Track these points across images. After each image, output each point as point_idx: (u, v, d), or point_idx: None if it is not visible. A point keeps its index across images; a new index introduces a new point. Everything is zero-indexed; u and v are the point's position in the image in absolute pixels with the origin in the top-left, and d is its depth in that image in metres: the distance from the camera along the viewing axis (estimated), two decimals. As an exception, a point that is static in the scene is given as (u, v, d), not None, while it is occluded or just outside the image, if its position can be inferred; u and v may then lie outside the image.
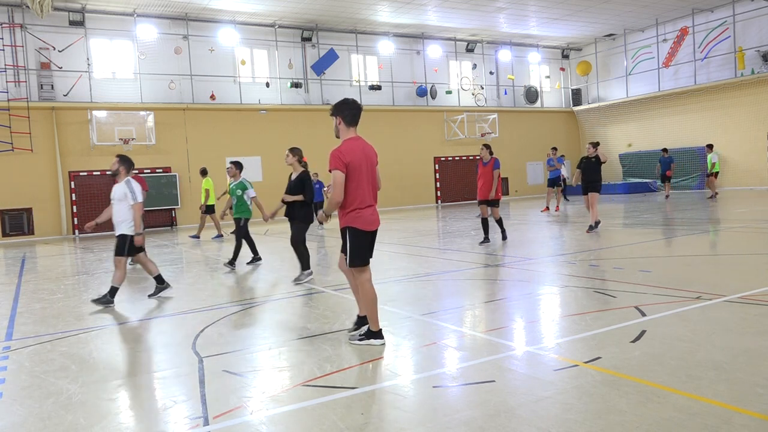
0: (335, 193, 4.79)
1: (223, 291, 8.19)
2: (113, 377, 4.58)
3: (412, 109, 27.86)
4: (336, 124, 5.00)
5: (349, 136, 4.97)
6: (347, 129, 4.99)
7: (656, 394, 3.50)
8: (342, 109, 4.96)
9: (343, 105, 4.99)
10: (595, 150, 12.64)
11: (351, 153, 4.81)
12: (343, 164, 4.77)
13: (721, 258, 8.38)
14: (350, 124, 4.98)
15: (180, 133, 22.92)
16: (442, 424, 3.31)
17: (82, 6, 21.14)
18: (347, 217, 4.88)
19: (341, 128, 5.00)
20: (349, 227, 4.87)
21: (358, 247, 4.88)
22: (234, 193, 10.29)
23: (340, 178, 4.77)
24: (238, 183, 10.30)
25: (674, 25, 27.80)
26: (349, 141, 4.91)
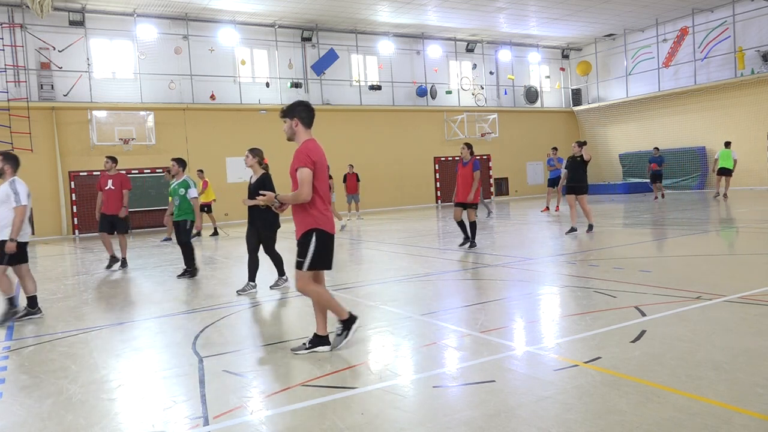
0: (305, 191, 4.62)
1: (223, 291, 8.18)
2: (113, 377, 4.58)
3: (412, 109, 27.86)
4: (292, 126, 4.82)
5: (308, 138, 4.83)
6: (305, 131, 4.84)
7: (656, 394, 3.50)
8: (299, 111, 4.82)
9: (299, 107, 4.84)
10: (581, 149, 12.51)
11: (317, 152, 4.71)
12: (311, 162, 4.66)
13: (721, 258, 8.38)
14: (308, 125, 4.85)
15: (180, 133, 22.92)
16: (442, 424, 3.31)
17: (82, 6, 21.14)
18: (311, 218, 4.71)
19: (299, 130, 4.83)
20: (316, 229, 4.71)
21: (322, 250, 4.74)
22: (176, 193, 9.51)
23: (309, 176, 4.63)
24: (181, 182, 9.53)
25: (674, 25, 27.80)
26: (310, 141, 4.78)
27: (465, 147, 10.96)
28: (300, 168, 4.63)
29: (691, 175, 26.90)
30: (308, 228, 4.72)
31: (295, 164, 4.67)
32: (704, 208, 17.01)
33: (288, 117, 4.84)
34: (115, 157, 11.32)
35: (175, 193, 9.53)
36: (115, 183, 11.00)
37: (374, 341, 5.24)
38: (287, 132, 4.88)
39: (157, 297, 8.04)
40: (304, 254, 4.71)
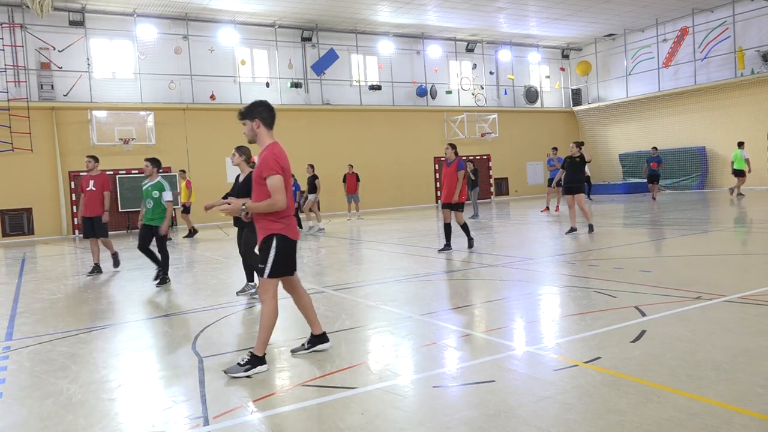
0: (280, 198, 4.39)
1: (223, 291, 8.18)
2: (113, 377, 4.58)
3: (412, 109, 27.86)
4: (253, 127, 4.58)
5: (271, 140, 4.61)
6: (268, 133, 4.62)
7: (656, 394, 3.50)
8: (260, 112, 4.58)
9: (261, 107, 4.61)
10: (579, 149, 12.55)
11: (283, 157, 4.51)
12: (280, 168, 4.45)
13: (721, 258, 8.38)
14: (270, 126, 4.63)
15: (180, 133, 22.92)
16: (442, 424, 3.31)
17: (82, 6, 21.14)
18: (277, 224, 4.50)
19: (261, 132, 4.59)
20: (277, 235, 4.49)
21: (286, 256, 4.53)
22: (149, 195, 8.97)
23: (281, 183, 4.42)
24: (155, 183, 8.99)
25: (674, 25, 27.80)
26: (276, 145, 4.57)
27: (449, 147, 10.82)
28: (270, 176, 4.42)
29: (691, 175, 26.90)
30: (269, 233, 4.51)
31: (263, 171, 4.45)
32: (704, 208, 17.01)
33: (248, 118, 4.60)
34: (96, 156, 10.66)
35: (148, 195, 8.97)
36: (96, 184, 10.30)
37: (374, 341, 5.24)
38: (248, 134, 4.63)
39: (157, 297, 8.04)
40: (264, 260, 4.50)
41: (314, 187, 16.99)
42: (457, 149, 10.89)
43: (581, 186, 12.56)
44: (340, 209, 24.57)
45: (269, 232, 4.51)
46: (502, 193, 30.72)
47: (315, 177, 17.05)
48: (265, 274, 4.49)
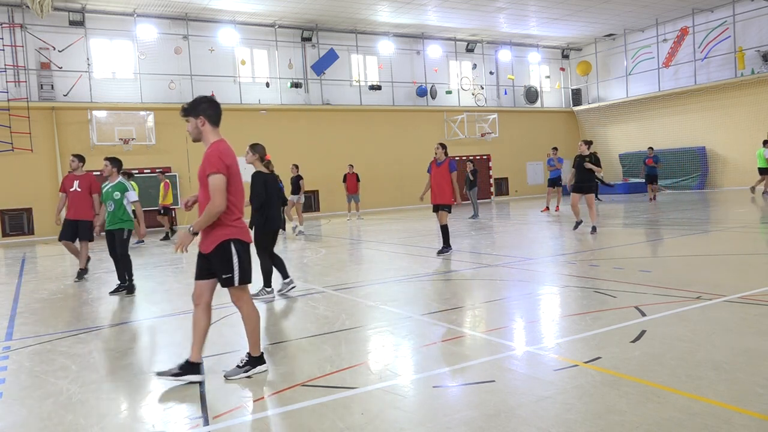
0: (218, 200, 4.09)
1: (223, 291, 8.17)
2: (113, 377, 4.58)
3: (412, 109, 27.86)
4: (197, 125, 4.30)
5: (217, 138, 4.34)
6: (213, 130, 4.34)
7: (656, 394, 3.50)
8: (205, 108, 4.31)
9: (204, 103, 4.34)
10: (588, 148, 12.46)
11: (230, 155, 4.25)
12: (224, 166, 4.16)
13: (721, 258, 8.38)
14: (216, 124, 4.36)
15: (180, 133, 22.81)
16: (442, 424, 3.31)
17: (82, 6, 21.14)
18: (229, 229, 4.22)
19: (206, 129, 4.31)
20: (233, 239, 4.23)
21: (246, 260, 4.30)
22: (110, 197, 8.23)
23: (222, 183, 4.13)
24: (116, 184, 8.27)
25: (674, 25, 27.80)
26: (222, 143, 4.30)
27: (439, 147, 10.33)
28: (212, 174, 4.13)
29: (691, 175, 26.91)
30: (223, 239, 4.20)
31: (206, 169, 4.18)
32: (704, 208, 17.01)
33: (191, 115, 4.31)
34: (82, 156, 9.85)
35: (109, 197, 8.24)
36: (82, 184, 9.47)
37: (374, 341, 5.24)
38: (192, 132, 4.36)
39: (156, 297, 8.04)
40: (229, 269, 4.21)
41: (298, 187, 16.40)
42: (447, 149, 10.42)
43: (591, 185, 12.42)
44: (340, 209, 24.57)
45: (223, 239, 4.20)
46: (502, 193, 30.72)
47: (299, 177, 16.49)
48: (236, 281, 4.24)
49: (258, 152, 7.32)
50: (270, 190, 7.31)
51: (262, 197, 7.19)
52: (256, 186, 7.18)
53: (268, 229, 7.38)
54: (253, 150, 7.32)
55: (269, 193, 7.29)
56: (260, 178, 7.23)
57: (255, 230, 7.30)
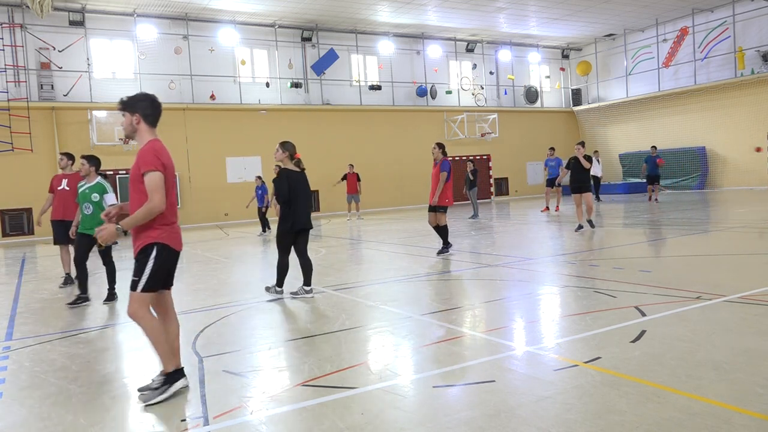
0: (156, 199, 3.84)
1: (223, 291, 8.19)
2: (113, 377, 4.58)
3: (412, 109, 27.86)
4: (132, 122, 4.05)
5: (152, 137, 4.11)
6: (149, 130, 4.12)
7: (656, 394, 3.50)
8: (143, 107, 4.07)
9: (144, 101, 4.10)
10: (583, 149, 12.94)
11: (165, 154, 4.02)
12: (161, 164, 3.92)
13: (721, 258, 8.38)
14: (153, 124, 4.14)
15: (180, 133, 22.92)
16: (442, 424, 3.31)
17: (82, 6, 21.14)
18: (156, 231, 3.95)
19: (141, 128, 4.07)
20: (159, 243, 3.95)
21: (161, 268, 3.98)
22: (88, 198, 7.57)
23: (160, 181, 3.87)
24: (95, 185, 7.62)
25: (674, 25, 27.80)
26: (157, 141, 4.08)
27: (436, 147, 10.17)
28: (148, 172, 3.87)
29: (691, 175, 26.91)
30: (149, 242, 3.94)
31: (141, 167, 3.91)
32: (704, 209, 17.01)
33: (128, 111, 4.06)
34: (71, 154, 9.29)
35: (86, 198, 7.59)
36: (71, 183, 8.88)
37: (374, 341, 5.24)
38: (126, 129, 4.10)
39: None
40: (140, 272, 3.92)
41: None
42: (445, 149, 10.22)
43: (587, 185, 12.88)
44: (340, 209, 24.58)
45: (148, 241, 3.94)
46: (502, 193, 30.73)
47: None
48: (139, 287, 3.90)
49: (288, 150, 7.12)
50: (297, 188, 7.08)
51: (287, 195, 7.00)
52: (281, 183, 7.03)
53: (290, 229, 7.14)
54: (283, 147, 7.13)
55: (296, 192, 7.06)
56: (284, 175, 7.06)
57: (277, 227, 7.27)
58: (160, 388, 3.95)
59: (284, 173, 7.08)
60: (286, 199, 7.02)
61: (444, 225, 10.30)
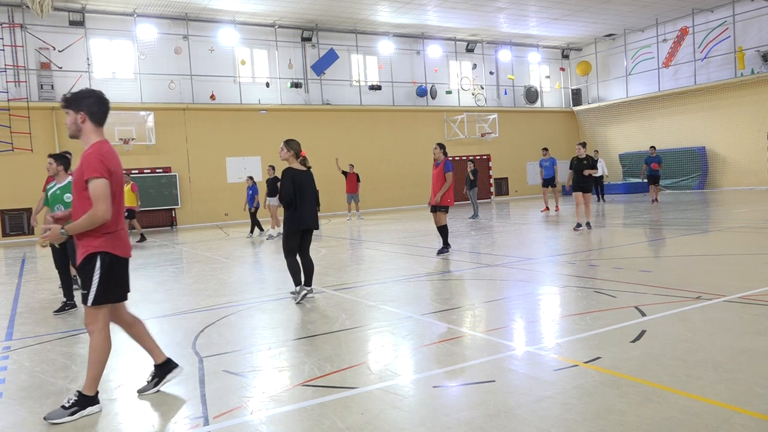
0: (101, 208, 3.61)
1: (223, 291, 8.18)
2: (113, 377, 4.58)
3: (412, 109, 27.86)
4: (77, 120, 3.78)
5: (99, 138, 3.82)
6: (96, 130, 3.82)
7: (656, 394, 3.50)
8: (89, 104, 3.79)
9: (91, 98, 3.81)
10: (584, 150, 13.24)
11: (113, 158, 3.74)
12: (107, 171, 3.67)
13: (721, 258, 8.38)
14: (100, 123, 3.84)
15: (180, 133, 22.92)
16: (442, 424, 3.31)
17: (82, 6, 21.14)
18: (98, 240, 3.72)
19: (86, 128, 3.79)
20: (101, 253, 3.74)
21: (113, 278, 3.80)
22: (60, 200, 7.02)
23: (105, 189, 3.63)
24: (66, 185, 7.02)
25: (674, 25, 27.80)
26: (104, 144, 3.79)
27: (438, 147, 10.26)
28: (93, 179, 3.62)
29: (691, 175, 26.90)
30: (91, 251, 3.73)
31: (85, 173, 3.65)
32: (704, 209, 17.01)
33: (72, 108, 3.80)
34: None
35: (58, 200, 7.01)
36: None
37: (374, 341, 5.24)
38: (70, 128, 3.83)
39: (157, 297, 8.04)
40: (87, 285, 3.75)
41: (275, 189, 15.70)
42: (446, 149, 10.33)
43: (589, 185, 13.17)
44: (341, 209, 24.58)
45: (90, 251, 3.73)
46: (502, 193, 30.73)
47: (277, 179, 15.77)
48: (89, 301, 3.74)
49: (293, 148, 6.99)
50: (302, 187, 6.92)
51: (290, 195, 6.83)
52: (285, 183, 6.85)
53: (295, 229, 6.98)
54: (288, 146, 6.99)
55: (301, 191, 6.91)
56: (288, 174, 6.89)
57: (283, 229, 7.11)
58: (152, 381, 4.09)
59: (289, 172, 6.92)
60: (290, 199, 6.84)
61: (444, 225, 10.37)
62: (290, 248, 7.08)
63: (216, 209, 23.40)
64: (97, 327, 3.80)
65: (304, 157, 7.12)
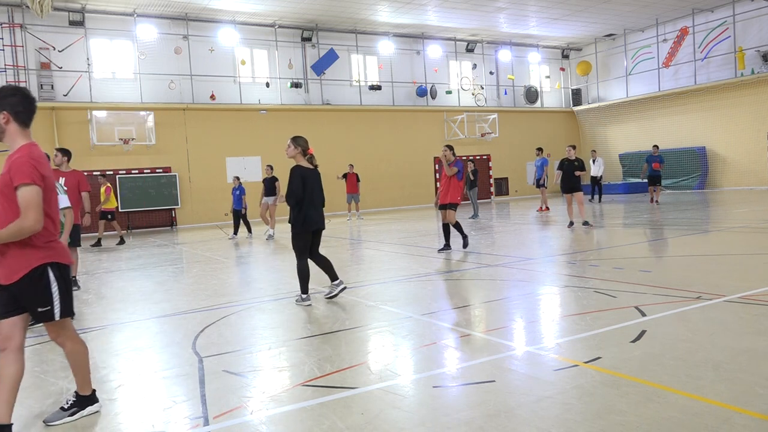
0: (31, 217, 3.30)
1: (223, 291, 8.18)
2: (113, 377, 4.58)
3: (412, 109, 27.86)
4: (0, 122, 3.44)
5: (26, 141, 3.48)
6: (22, 132, 3.49)
7: (656, 394, 3.50)
8: (13, 104, 3.45)
9: (15, 96, 3.46)
10: (574, 152, 13.75)
11: (45, 163, 3.46)
12: (39, 177, 3.37)
13: (721, 258, 8.38)
14: (26, 124, 3.51)
15: (180, 133, 22.92)
16: (442, 424, 3.31)
17: (82, 6, 21.14)
18: (42, 251, 3.45)
19: (11, 129, 3.45)
20: (53, 263, 3.49)
21: (66, 290, 3.57)
22: None
23: (38, 197, 3.33)
24: None
25: (674, 25, 27.80)
26: (34, 147, 3.46)
27: (447, 149, 10.80)
28: (23, 186, 3.30)
29: (691, 175, 26.91)
30: (37, 264, 3.42)
31: (14, 179, 3.32)
32: (704, 209, 17.01)
33: None
34: (67, 150, 8.78)
35: None
36: (68, 182, 8.34)
37: (374, 341, 5.24)
38: None
39: (157, 297, 8.04)
40: (47, 301, 3.46)
41: (273, 189, 15.80)
42: (454, 150, 10.93)
43: (578, 185, 13.59)
44: (341, 209, 24.58)
45: (36, 264, 3.42)
46: (502, 193, 30.73)
47: (275, 179, 15.87)
48: (56, 315, 3.51)
49: (300, 145, 6.79)
50: (310, 186, 6.74)
51: (299, 194, 6.61)
52: (293, 181, 6.62)
53: (305, 230, 6.77)
54: (295, 143, 6.79)
55: (309, 190, 6.71)
56: (297, 172, 6.67)
57: (291, 230, 6.88)
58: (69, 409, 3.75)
59: (297, 170, 6.70)
60: (299, 198, 6.63)
61: (455, 223, 10.76)
62: (301, 249, 6.86)
63: (216, 209, 23.39)
64: (67, 337, 3.69)
65: (312, 154, 6.95)
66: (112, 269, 11.08)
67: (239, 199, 16.39)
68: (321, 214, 6.98)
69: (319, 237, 7.07)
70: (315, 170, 6.94)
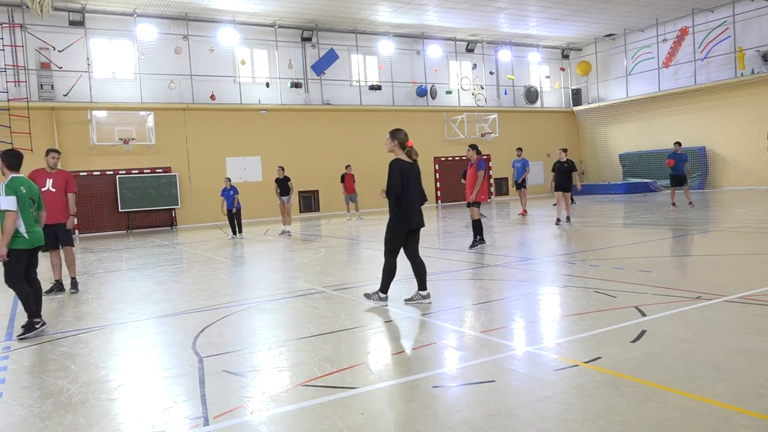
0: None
1: (223, 291, 8.18)
2: (113, 377, 4.58)
3: (412, 109, 27.86)
4: None
5: None
6: None
7: (656, 394, 3.50)
8: None
9: None
10: (565, 155, 14.83)
11: None
12: None
13: (721, 258, 8.38)
14: None
15: (180, 133, 22.91)
16: (442, 424, 3.30)
17: (82, 6, 21.14)
18: None
19: None
20: None
21: None
22: None
23: None
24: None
25: (674, 25, 27.81)
26: None
27: (470, 148, 11.12)
28: None
29: (691, 175, 26.89)
30: None
31: None
32: (704, 209, 17.00)
33: None
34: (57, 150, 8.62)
35: None
36: (56, 183, 8.29)
37: (374, 341, 5.24)
38: None
39: (157, 297, 8.04)
40: None
41: (287, 189, 16.37)
42: (478, 148, 11.08)
43: (570, 185, 14.78)
44: (340, 209, 24.57)
45: None
46: (502, 193, 30.73)
47: (287, 179, 16.47)
48: None
49: (398, 138, 6.54)
50: (409, 180, 6.46)
51: (399, 189, 6.37)
52: (393, 176, 6.38)
53: (402, 227, 6.55)
54: (393, 136, 6.56)
55: (408, 185, 6.46)
56: (397, 166, 6.41)
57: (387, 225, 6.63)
58: None
59: (397, 164, 6.42)
60: (399, 192, 6.34)
61: (477, 219, 10.96)
62: (394, 248, 6.53)
63: (216, 209, 23.30)
64: None
65: (411, 147, 6.59)
66: (112, 269, 11.08)
67: (233, 200, 16.50)
68: (419, 211, 6.66)
69: (417, 236, 6.70)
70: (414, 164, 6.63)
